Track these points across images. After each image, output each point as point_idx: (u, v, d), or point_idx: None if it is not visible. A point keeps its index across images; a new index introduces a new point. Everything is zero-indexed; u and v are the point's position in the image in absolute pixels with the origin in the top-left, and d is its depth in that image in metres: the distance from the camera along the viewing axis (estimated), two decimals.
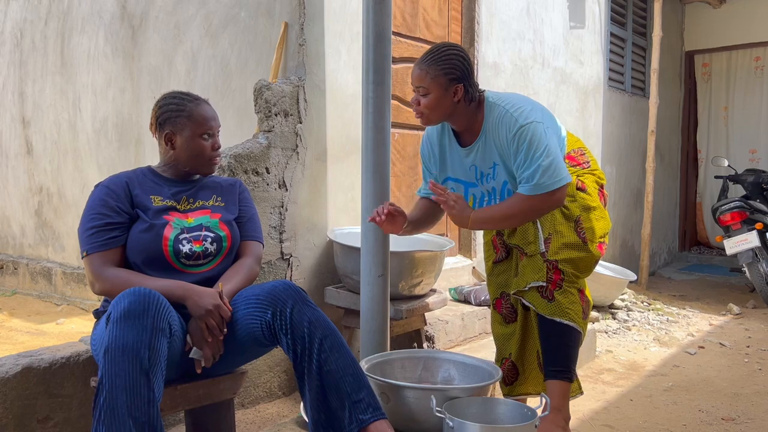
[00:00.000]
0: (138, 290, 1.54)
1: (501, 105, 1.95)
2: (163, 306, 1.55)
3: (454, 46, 1.99)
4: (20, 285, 4.82)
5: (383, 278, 2.29)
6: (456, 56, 1.93)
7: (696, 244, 7.45)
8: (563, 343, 1.96)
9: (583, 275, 2.02)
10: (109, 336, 1.47)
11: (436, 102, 1.93)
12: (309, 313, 1.67)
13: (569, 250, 1.96)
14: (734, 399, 2.89)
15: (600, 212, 2.05)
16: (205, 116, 1.87)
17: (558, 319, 1.94)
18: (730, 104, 7.05)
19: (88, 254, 1.73)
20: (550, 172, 1.85)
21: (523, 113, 1.91)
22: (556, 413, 1.92)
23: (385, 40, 2.25)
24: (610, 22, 5.58)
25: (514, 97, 2.00)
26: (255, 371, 2.66)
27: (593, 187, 2.07)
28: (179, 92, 1.92)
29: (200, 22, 3.40)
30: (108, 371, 1.43)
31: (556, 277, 1.95)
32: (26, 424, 1.86)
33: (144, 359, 1.45)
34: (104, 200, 1.77)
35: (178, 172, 1.90)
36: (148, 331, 1.48)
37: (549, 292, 1.95)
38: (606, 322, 4.24)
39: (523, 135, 1.87)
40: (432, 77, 1.92)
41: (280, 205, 2.76)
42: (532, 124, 1.88)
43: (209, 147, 1.87)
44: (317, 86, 2.93)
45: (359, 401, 1.62)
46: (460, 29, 3.95)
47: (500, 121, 1.93)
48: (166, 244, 1.75)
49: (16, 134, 4.90)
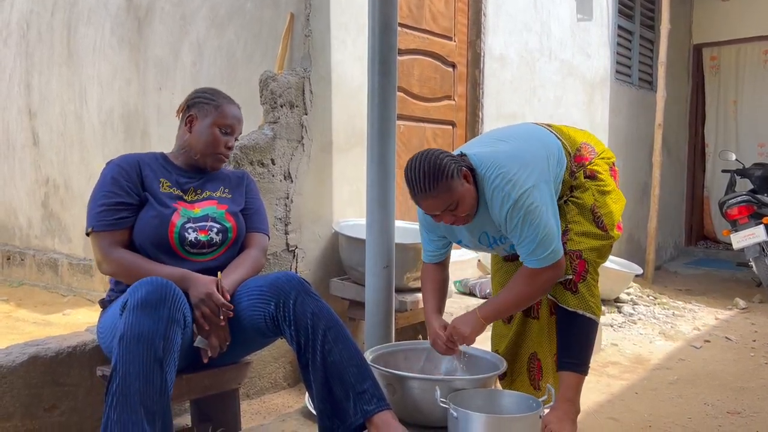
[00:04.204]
0: (155, 280, 1.55)
1: (488, 175, 1.85)
2: (179, 297, 1.57)
3: (426, 156, 1.81)
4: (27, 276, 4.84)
5: (388, 270, 2.29)
6: (436, 160, 1.78)
7: (703, 238, 7.41)
8: (582, 335, 1.95)
9: (603, 260, 2.02)
10: (125, 324, 1.48)
11: (465, 201, 1.83)
12: (312, 304, 1.67)
13: (590, 238, 1.94)
14: (740, 393, 2.88)
15: (616, 195, 2.03)
16: (231, 113, 1.90)
17: (581, 312, 1.92)
18: (738, 98, 6.99)
19: (95, 231, 1.73)
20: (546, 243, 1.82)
21: (511, 182, 1.81)
22: (568, 405, 1.91)
23: (391, 30, 2.24)
24: (617, 15, 5.54)
25: (495, 155, 1.89)
26: (260, 362, 2.66)
27: (606, 170, 2.03)
28: (219, 90, 1.96)
29: (206, 14, 3.40)
30: (122, 358, 1.44)
31: (580, 268, 1.92)
32: (33, 412, 1.87)
33: (158, 349, 1.46)
34: (116, 179, 1.77)
35: (188, 160, 1.90)
36: (163, 322, 1.49)
37: (573, 284, 1.92)
38: (611, 316, 4.23)
39: (517, 210, 1.80)
40: (445, 192, 1.78)
41: (286, 197, 2.76)
42: (524, 194, 1.80)
43: (222, 142, 1.87)
44: (323, 77, 2.92)
45: (363, 392, 1.62)
46: (466, 21, 3.93)
47: (492, 195, 1.84)
48: (173, 231, 1.76)
49: (23, 126, 4.91)
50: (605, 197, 2.00)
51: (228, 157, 1.92)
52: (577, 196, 1.98)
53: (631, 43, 5.90)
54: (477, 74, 3.97)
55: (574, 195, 1.99)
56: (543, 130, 2.05)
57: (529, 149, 1.93)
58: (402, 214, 3.43)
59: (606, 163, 2.06)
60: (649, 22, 6.17)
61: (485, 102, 3.99)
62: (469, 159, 1.90)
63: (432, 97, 3.69)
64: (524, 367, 2.14)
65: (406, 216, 3.49)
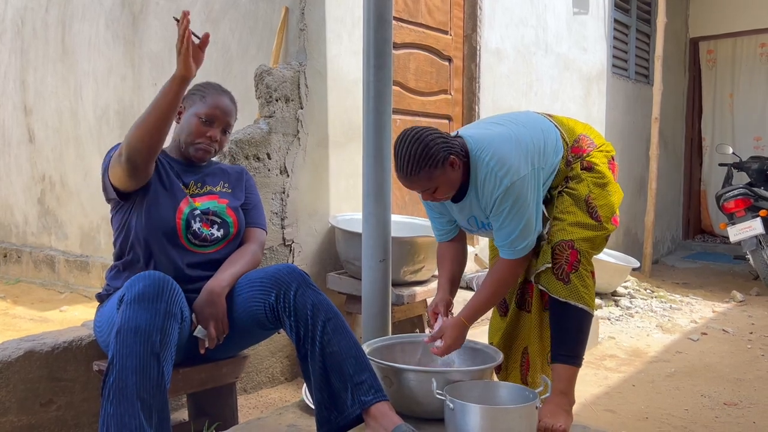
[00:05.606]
0: (152, 274, 1.56)
1: (482, 158, 1.84)
2: (177, 291, 1.57)
3: (417, 138, 1.77)
4: (24, 273, 4.83)
5: (385, 263, 2.29)
6: (426, 146, 1.76)
7: (700, 232, 7.42)
8: (575, 327, 1.93)
9: (597, 252, 2.00)
10: (121, 317, 1.48)
11: (447, 186, 1.84)
12: (312, 296, 1.68)
13: (583, 229, 1.93)
14: (737, 384, 2.89)
15: (613, 187, 2.02)
16: (216, 103, 1.88)
17: (573, 303, 1.90)
18: (735, 91, 7.00)
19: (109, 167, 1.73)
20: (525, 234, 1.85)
21: (505, 168, 1.81)
22: (561, 397, 1.90)
23: (386, 23, 2.23)
24: (614, 8, 5.53)
25: (491, 138, 1.88)
26: (257, 357, 2.66)
27: (604, 163, 2.02)
28: (214, 83, 1.96)
29: (201, 8, 3.38)
30: (119, 352, 1.44)
31: (572, 258, 1.90)
32: (29, 407, 1.87)
33: (155, 342, 1.46)
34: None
35: (180, 153, 1.90)
36: (161, 315, 1.49)
37: (565, 274, 1.90)
38: (609, 309, 4.23)
39: (506, 197, 1.82)
40: (425, 180, 1.79)
41: (282, 191, 2.76)
42: (516, 183, 1.81)
43: (204, 131, 1.85)
44: (318, 71, 2.91)
45: (361, 383, 1.62)
46: (462, 15, 3.92)
47: (485, 179, 1.84)
48: (180, 217, 1.78)
49: (19, 122, 4.89)
50: (602, 189, 1.98)
51: (213, 149, 1.89)
52: (572, 186, 1.97)
53: (628, 36, 5.89)
54: (473, 68, 3.96)
55: (569, 186, 1.97)
56: (542, 117, 2.05)
57: (527, 134, 1.92)
58: (398, 208, 3.43)
59: (605, 156, 2.05)
60: (645, 15, 6.16)
61: (481, 96, 3.99)
62: (465, 140, 1.89)
63: (428, 91, 3.69)
64: (518, 361, 2.14)
65: (403, 210, 3.49)
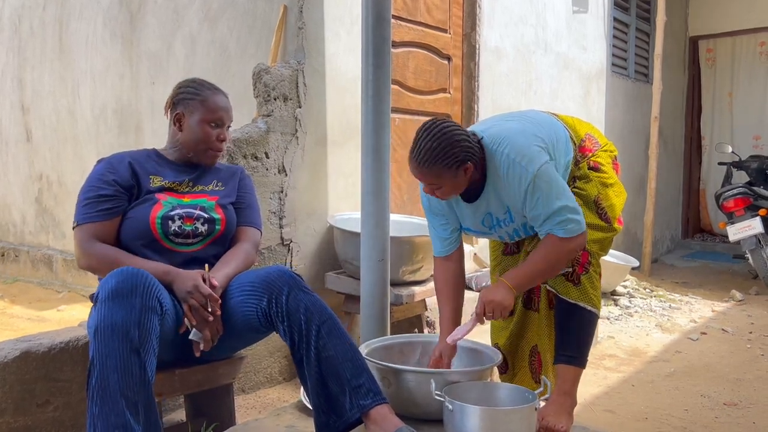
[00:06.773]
0: (125, 269, 1.53)
1: (501, 151, 1.81)
2: (152, 284, 1.54)
3: (442, 133, 1.73)
4: (21, 272, 4.82)
5: (383, 263, 2.28)
6: (448, 144, 1.71)
7: (699, 231, 7.41)
8: (581, 328, 1.92)
9: (604, 253, 1.99)
10: (98, 316, 1.46)
11: (452, 188, 1.81)
12: (305, 299, 1.65)
13: (594, 230, 1.91)
14: (736, 384, 2.88)
15: (618, 188, 2.01)
16: (218, 105, 1.87)
17: (582, 304, 1.89)
18: (734, 90, 6.99)
19: (78, 224, 1.73)
20: (574, 213, 1.77)
21: (527, 157, 1.78)
22: (565, 397, 1.89)
23: (385, 21, 2.22)
24: (613, 7, 5.51)
25: (506, 132, 1.85)
26: (255, 357, 2.65)
27: (608, 163, 2.01)
28: (201, 80, 1.93)
29: (199, 6, 3.37)
30: (98, 351, 1.42)
31: (583, 259, 1.89)
32: (26, 408, 1.86)
33: (134, 338, 1.44)
34: (102, 174, 1.78)
35: (182, 156, 1.89)
36: (137, 310, 1.46)
37: (576, 276, 1.89)
38: (608, 309, 4.22)
39: (537, 185, 1.76)
40: (434, 176, 1.74)
41: (280, 191, 2.75)
42: (542, 169, 1.77)
43: (214, 136, 1.86)
44: (317, 70, 2.90)
45: (359, 386, 1.61)
46: (461, 13, 3.91)
47: (508, 171, 1.80)
48: (154, 223, 1.74)
49: (16, 121, 4.88)
50: (608, 190, 1.98)
51: (222, 149, 1.90)
52: (580, 186, 1.96)
53: (627, 35, 5.88)
54: (472, 67, 3.95)
55: (577, 186, 1.96)
56: (551, 116, 2.04)
57: (541, 130, 1.91)
58: (397, 208, 3.42)
59: (609, 156, 2.05)
60: (645, 14, 6.15)
61: (480, 95, 3.97)
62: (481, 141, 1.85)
63: (427, 90, 3.67)
64: (526, 360, 2.12)
65: (402, 209, 3.47)
